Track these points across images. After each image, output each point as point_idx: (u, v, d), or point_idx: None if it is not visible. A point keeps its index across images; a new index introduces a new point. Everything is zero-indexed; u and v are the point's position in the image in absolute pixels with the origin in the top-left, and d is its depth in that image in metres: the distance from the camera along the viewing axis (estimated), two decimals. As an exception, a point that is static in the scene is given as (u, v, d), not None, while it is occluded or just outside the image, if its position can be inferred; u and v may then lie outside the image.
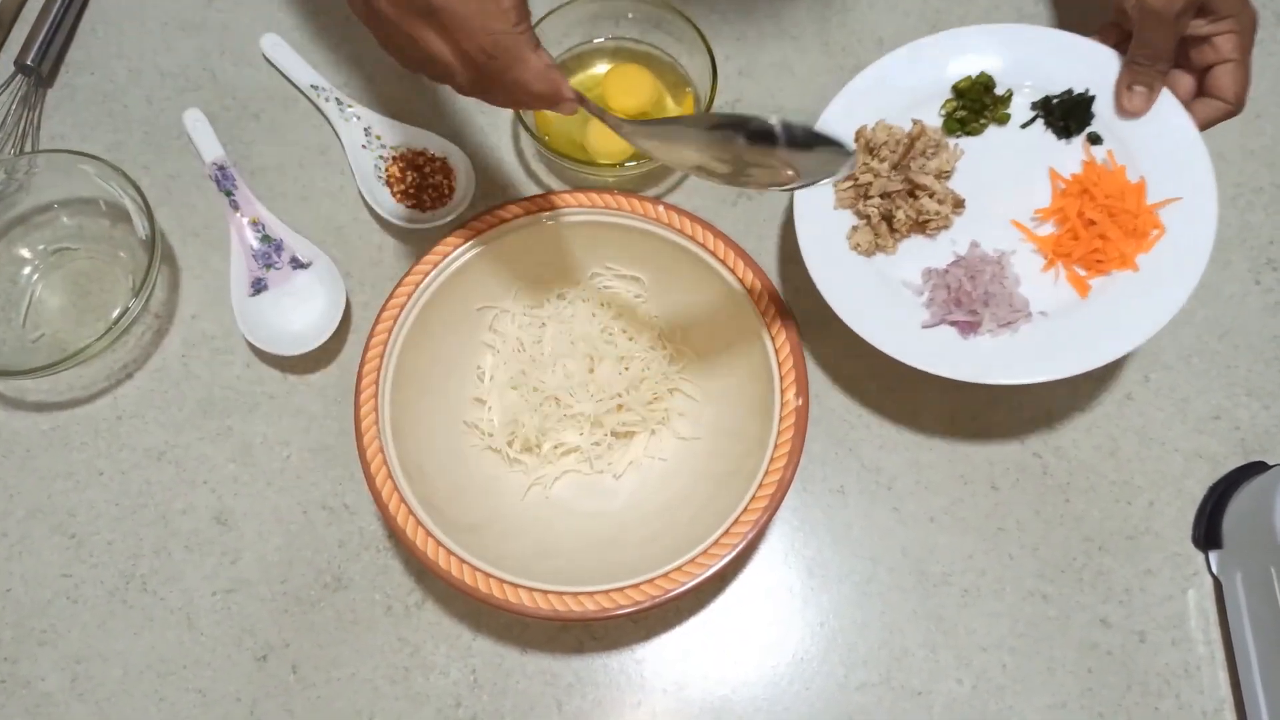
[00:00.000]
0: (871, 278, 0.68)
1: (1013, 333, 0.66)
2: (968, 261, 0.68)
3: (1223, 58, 0.66)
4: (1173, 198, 0.66)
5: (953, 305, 0.66)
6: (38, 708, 0.67)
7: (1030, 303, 0.66)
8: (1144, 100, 0.68)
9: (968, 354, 0.65)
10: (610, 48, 0.80)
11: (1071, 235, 0.67)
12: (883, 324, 0.66)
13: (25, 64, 0.82)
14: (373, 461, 0.62)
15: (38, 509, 0.72)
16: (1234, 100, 0.67)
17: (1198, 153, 0.67)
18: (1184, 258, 0.65)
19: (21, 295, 0.77)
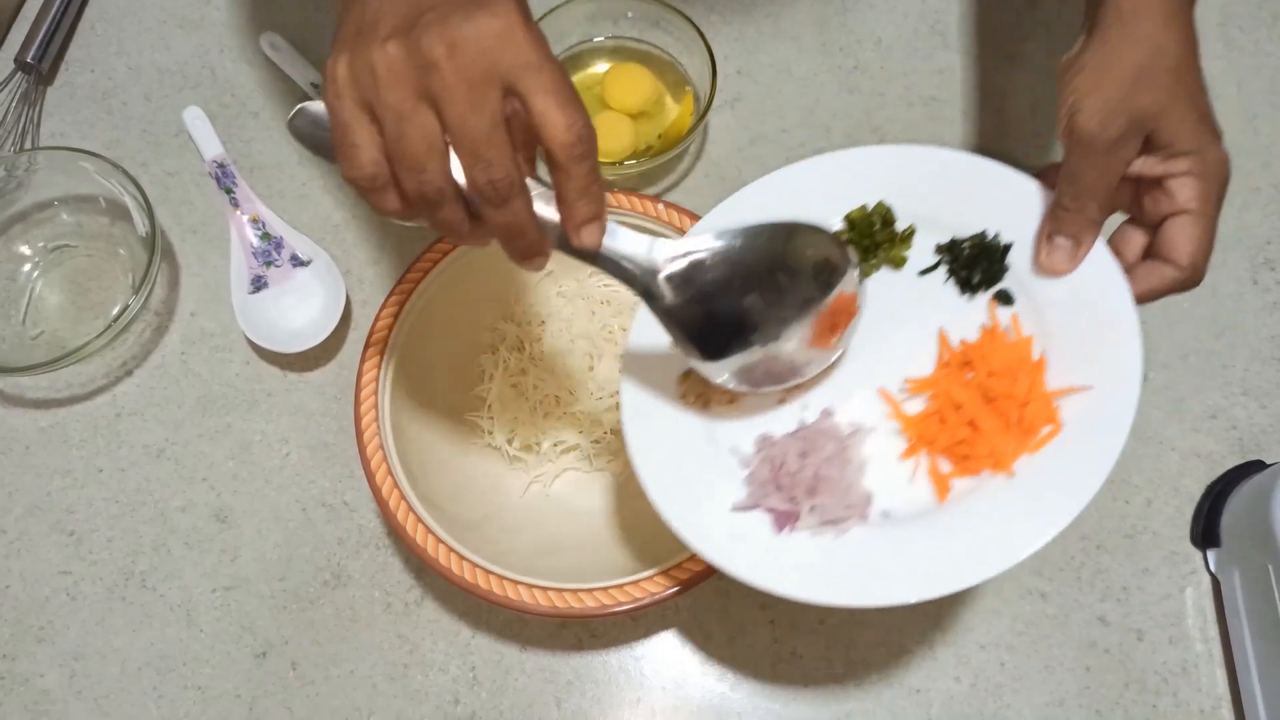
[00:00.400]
0: (698, 437, 0.55)
1: (837, 535, 0.51)
2: (806, 434, 0.54)
3: (1177, 207, 0.51)
4: (1079, 387, 0.51)
5: (772, 488, 0.53)
6: (36, 705, 0.67)
7: (874, 498, 0.52)
8: (1066, 256, 0.53)
9: (773, 555, 0.52)
10: (610, 46, 0.80)
11: (939, 418, 0.53)
12: (689, 496, 0.53)
13: (25, 61, 0.82)
14: (373, 458, 0.62)
15: (36, 506, 0.72)
16: (1187, 264, 0.51)
17: (1126, 332, 0.51)
18: (1076, 469, 0.49)
19: (21, 292, 0.77)
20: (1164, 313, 0.75)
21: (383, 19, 0.42)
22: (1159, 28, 0.51)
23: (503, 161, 0.42)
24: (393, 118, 0.41)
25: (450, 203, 0.43)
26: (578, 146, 0.42)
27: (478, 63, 0.41)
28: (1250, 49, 0.83)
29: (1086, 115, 0.50)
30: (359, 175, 0.43)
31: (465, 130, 0.41)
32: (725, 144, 0.81)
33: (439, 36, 0.41)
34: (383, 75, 0.41)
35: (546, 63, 0.42)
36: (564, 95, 0.42)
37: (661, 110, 0.79)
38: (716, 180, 0.80)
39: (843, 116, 0.81)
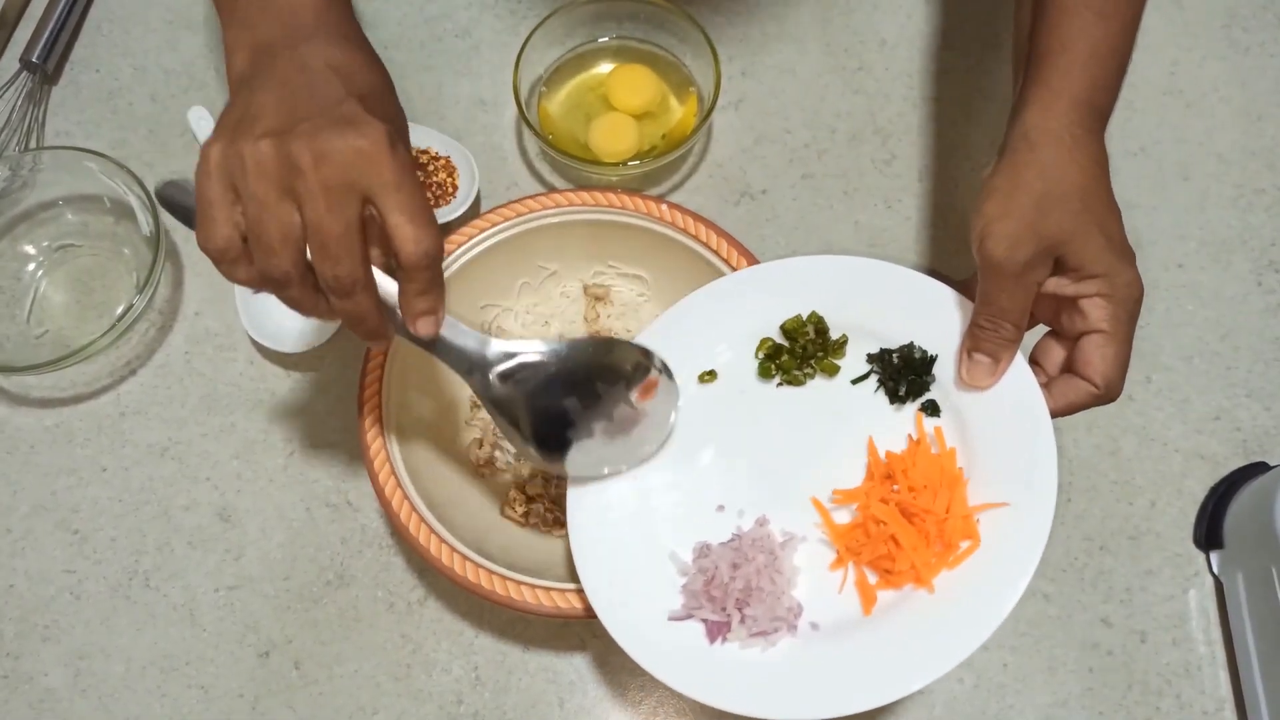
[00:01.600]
0: (640, 542, 0.57)
1: (766, 646, 0.53)
2: (740, 543, 0.55)
3: (1090, 327, 0.52)
4: (997, 503, 0.52)
5: (705, 598, 0.54)
6: (41, 703, 0.68)
7: (804, 610, 0.53)
8: (985, 372, 0.54)
9: (706, 665, 0.53)
10: (614, 47, 0.80)
11: (864, 531, 0.54)
12: (629, 603, 0.55)
13: (30, 61, 0.82)
14: (376, 458, 0.62)
15: (41, 505, 0.72)
16: (1101, 383, 0.53)
17: (1043, 448, 0.52)
18: (993, 585, 0.50)
19: (26, 292, 0.77)
20: (1168, 315, 0.75)
21: (263, 117, 0.46)
22: (1064, 155, 0.53)
23: (350, 260, 0.46)
24: (255, 206, 0.46)
25: (296, 285, 0.47)
26: (424, 259, 0.47)
27: (339, 175, 0.45)
28: (1255, 50, 0.83)
29: (994, 241, 0.51)
30: (212, 248, 0.47)
31: (319, 229, 0.45)
32: (729, 144, 0.81)
33: (308, 146, 0.45)
34: (251, 168, 0.45)
35: (405, 183, 0.46)
36: (416, 213, 0.46)
37: (666, 111, 0.79)
38: (720, 181, 0.80)
39: (846, 117, 0.81)
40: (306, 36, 0.50)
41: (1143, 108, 0.82)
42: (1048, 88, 0.54)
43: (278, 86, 0.48)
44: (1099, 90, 0.55)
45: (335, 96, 0.48)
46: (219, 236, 0.46)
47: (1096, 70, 0.55)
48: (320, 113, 0.46)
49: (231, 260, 0.47)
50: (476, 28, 0.85)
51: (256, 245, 0.46)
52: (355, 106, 0.47)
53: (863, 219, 0.78)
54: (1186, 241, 0.78)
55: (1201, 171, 0.80)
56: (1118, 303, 0.52)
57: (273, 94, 0.48)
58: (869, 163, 0.80)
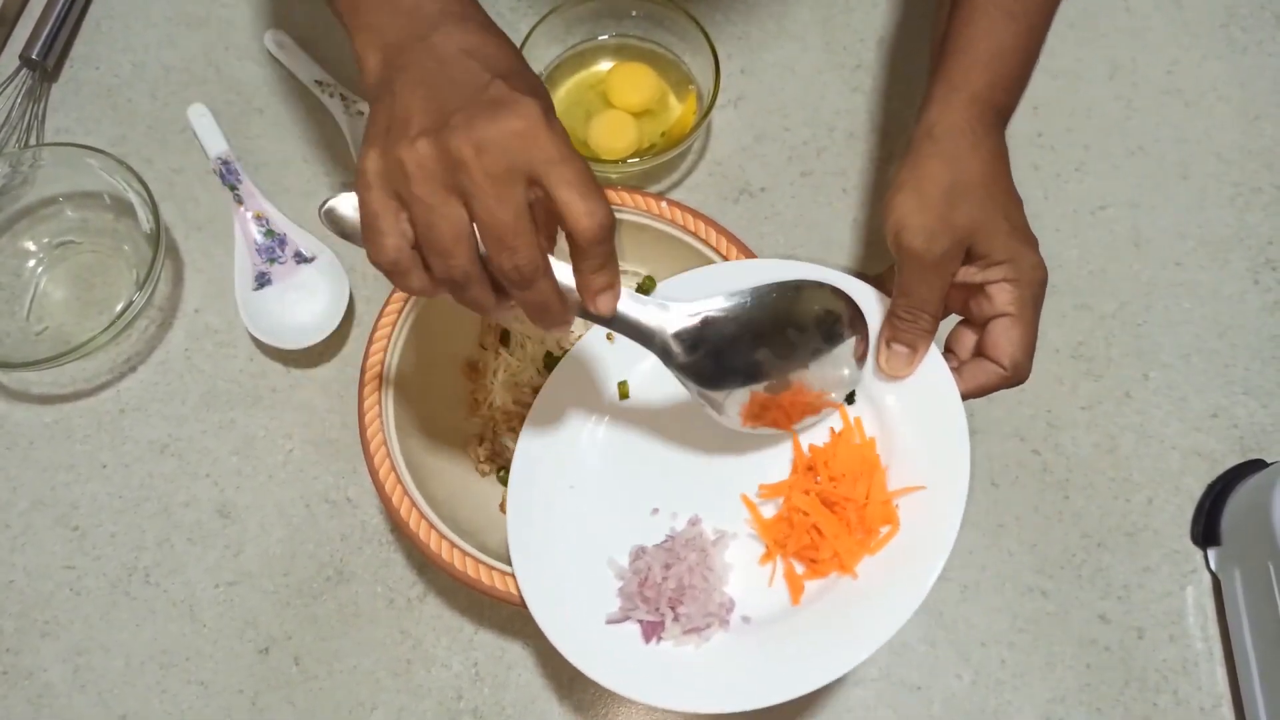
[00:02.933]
0: (577, 547, 0.58)
1: (700, 643, 0.54)
2: (673, 544, 0.56)
3: (997, 311, 0.54)
4: (914, 487, 0.54)
5: (639, 599, 0.55)
6: (40, 699, 0.68)
7: (736, 604, 0.55)
8: (904, 361, 0.56)
9: (642, 665, 0.54)
10: (613, 45, 0.80)
11: (788, 523, 0.56)
12: (566, 607, 0.56)
13: (30, 58, 0.82)
14: (376, 454, 0.62)
15: (40, 501, 0.72)
16: (1008, 364, 0.54)
17: (956, 431, 0.54)
18: (913, 566, 0.52)
19: (26, 288, 0.77)
20: (1166, 313, 0.75)
21: (413, 117, 0.45)
22: (966, 148, 0.55)
23: (527, 249, 0.44)
24: (423, 210, 0.44)
25: (476, 284, 0.46)
26: (600, 232, 0.45)
27: (502, 161, 0.43)
28: (1253, 49, 0.84)
29: (911, 234, 0.53)
30: (384, 260, 0.45)
31: (492, 222, 0.44)
32: (729, 142, 0.81)
33: (466, 138, 0.43)
34: (413, 171, 0.44)
35: (569, 158, 0.45)
36: (586, 187, 0.45)
37: (665, 109, 0.79)
38: (720, 179, 0.80)
39: (846, 115, 0.82)
40: (433, 26, 0.48)
41: (1141, 107, 0.82)
42: (950, 85, 0.56)
43: (418, 84, 0.46)
44: (999, 89, 0.57)
45: (479, 81, 0.46)
46: (389, 248, 0.45)
47: (999, 68, 0.57)
48: (469, 101, 0.45)
49: (404, 271, 0.46)
50: (476, 25, 0.85)
51: (430, 250, 0.45)
52: (502, 87, 0.45)
53: (861, 217, 0.78)
54: (1185, 240, 0.78)
55: (1200, 170, 0.80)
56: (1023, 286, 0.54)
57: (415, 93, 0.46)
58: (868, 161, 0.80)
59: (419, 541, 0.61)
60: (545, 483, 0.60)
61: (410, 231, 0.45)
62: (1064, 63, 0.83)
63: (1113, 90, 0.83)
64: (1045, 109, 0.82)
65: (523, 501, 0.59)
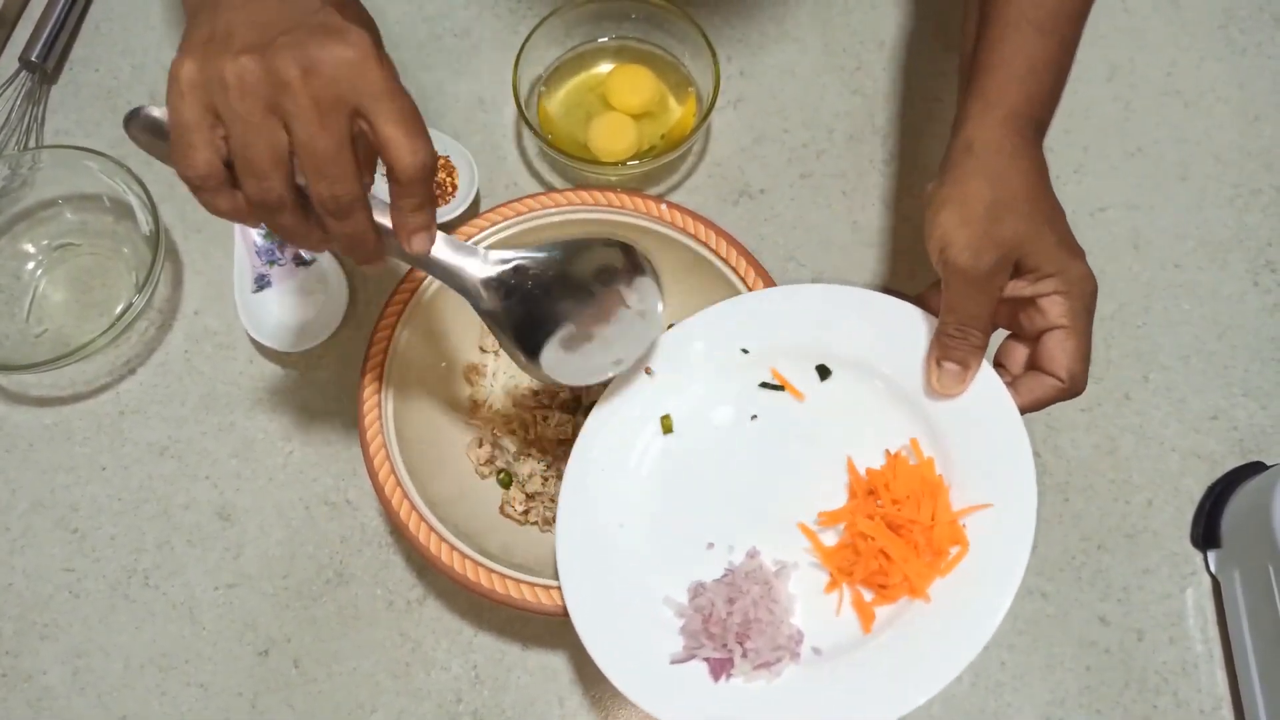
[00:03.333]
0: (632, 588, 0.56)
1: (771, 678, 0.52)
2: (734, 578, 0.55)
3: (1050, 324, 0.54)
4: (980, 505, 0.53)
5: (704, 637, 0.53)
6: (39, 701, 0.68)
7: (805, 636, 0.53)
8: (955, 379, 0.55)
9: (713, 703, 0.52)
10: (613, 47, 0.80)
11: (853, 550, 0.54)
12: (629, 651, 0.55)
13: (30, 60, 0.82)
14: (375, 457, 0.62)
15: (40, 503, 0.72)
16: (1065, 376, 0.53)
17: (1018, 446, 0.53)
18: (987, 586, 0.51)
19: (25, 290, 0.77)
20: (1165, 314, 0.75)
21: (236, 31, 0.44)
22: (1006, 163, 0.54)
23: (346, 178, 0.44)
24: (241, 128, 0.43)
25: (289, 210, 0.45)
26: (421, 170, 0.45)
27: (329, 88, 0.43)
28: (1252, 50, 0.84)
29: (957, 250, 0.52)
30: (193, 174, 0.44)
31: (313, 148, 0.43)
32: (728, 144, 0.81)
33: (294, 59, 0.42)
34: (234, 86, 0.43)
35: (396, 93, 0.44)
36: (411, 124, 0.44)
37: (665, 111, 0.79)
38: (720, 181, 0.80)
39: (845, 117, 0.82)
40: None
41: (1140, 108, 0.82)
42: (986, 101, 0.56)
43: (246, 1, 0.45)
44: (1036, 104, 0.57)
45: (310, 6, 0.45)
46: (200, 161, 0.44)
47: (1034, 85, 0.57)
48: (298, 24, 0.44)
49: (214, 188, 0.45)
50: (476, 27, 0.85)
51: (246, 169, 0.44)
52: (333, 14, 0.44)
53: (861, 219, 0.78)
54: (1184, 241, 0.78)
55: (1199, 172, 0.80)
56: (1075, 298, 0.53)
57: (242, 9, 0.45)
58: (868, 163, 0.80)
59: (418, 544, 0.61)
60: (594, 523, 0.59)
61: (224, 147, 0.44)
62: (1063, 64, 0.83)
63: (1111, 91, 0.83)
64: (1044, 111, 0.82)
65: (573, 544, 0.58)
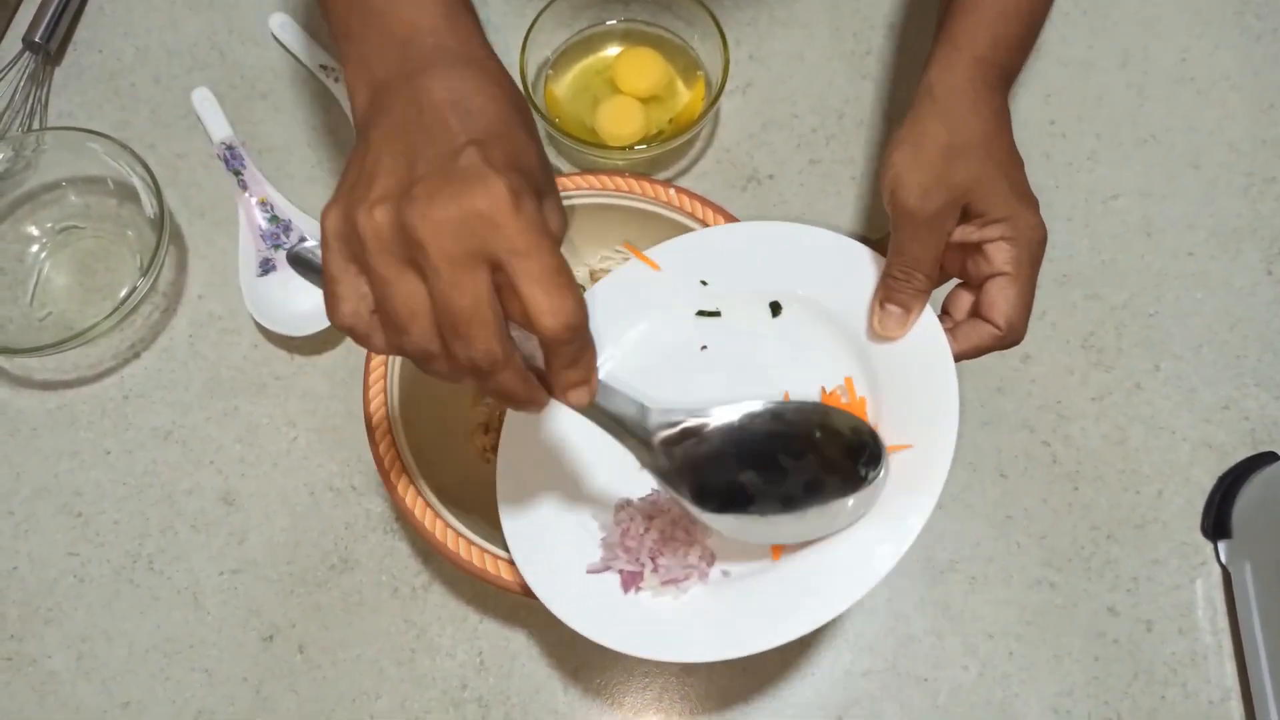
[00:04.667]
0: (565, 500, 0.57)
1: (678, 594, 0.53)
2: (657, 498, 0.56)
3: (994, 270, 0.53)
4: (901, 445, 0.53)
5: (620, 550, 0.55)
6: (44, 685, 0.67)
7: (716, 558, 0.55)
8: (897, 322, 0.54)
9: (618, 614, 0.54)
10: (621, 30, 0.80)
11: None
12: (550, 558, 0.56)
13: (33, 41, 0.81)
14: (381, 443, 0.62)
15: (44, 488, 0.72)
16: (1003, 324, 0.53)
17: (945, 391, 0.53)
18: (899, 518, 0.51)
19: (29, 273, 0.77)
20: (1177, 303, 0.75)
21: (379, 176, 0.42)
22: (966, 106, 0.54)
23: (485, 340, 0.41)
24: (378, 282, 0.42)
25: (441, 359, 0.43)
26: (565, 332, 0.41)
27: (461, 245, 0.40)
28: (1268, 37, 0.83)
29: (906, 191, 0.52)
30: (339, 324, 0.43)
31: (447, 308, 0.41)
32: (737, 129, 0.80)
33: (424, 214, 0.40)
34: (369, 242, 0.41)
35: (535, 248, 0.41)
36: (552, 282, 0.41)
37: (673, 95, 0.78)
38: (728, 166, 0.79)
39: (855, 102, 0.81)
40: (423, 66, 0.45)
41: (1153, 95, 0.81)
42: (952, 45, 0.56)
43: (393, 135, 0.43)
44: (1001, 48, 0.56)
45: (452, 145, 0.42)
46: (346, 314, 0.43)
47: (1001, 28, 0.56)
48: (435, 169, 0.41)
49: (363, 335, 0.43)
50: (483, 9, 0.84)
51: (386, 323, 0.42)
52: (473, 156, 0.41)
53: (870, 204, 0.78)
54: (1196, 230, 0.77)
55: (1212, 160, 0.79)
56: (1021, 245, 0.53)
57: (387, 146, 0.43)
58: (877, 149, 0.79)
59: (423, 530, 0.60)
60: (534, 439, 0.59)
61: (370, 295, 0.43)
62: (1076, 51, 0.83)
63: (1124, 79, 0.82)
64: (1057, 97, 0.81)
65: (512, 454, 0.59)
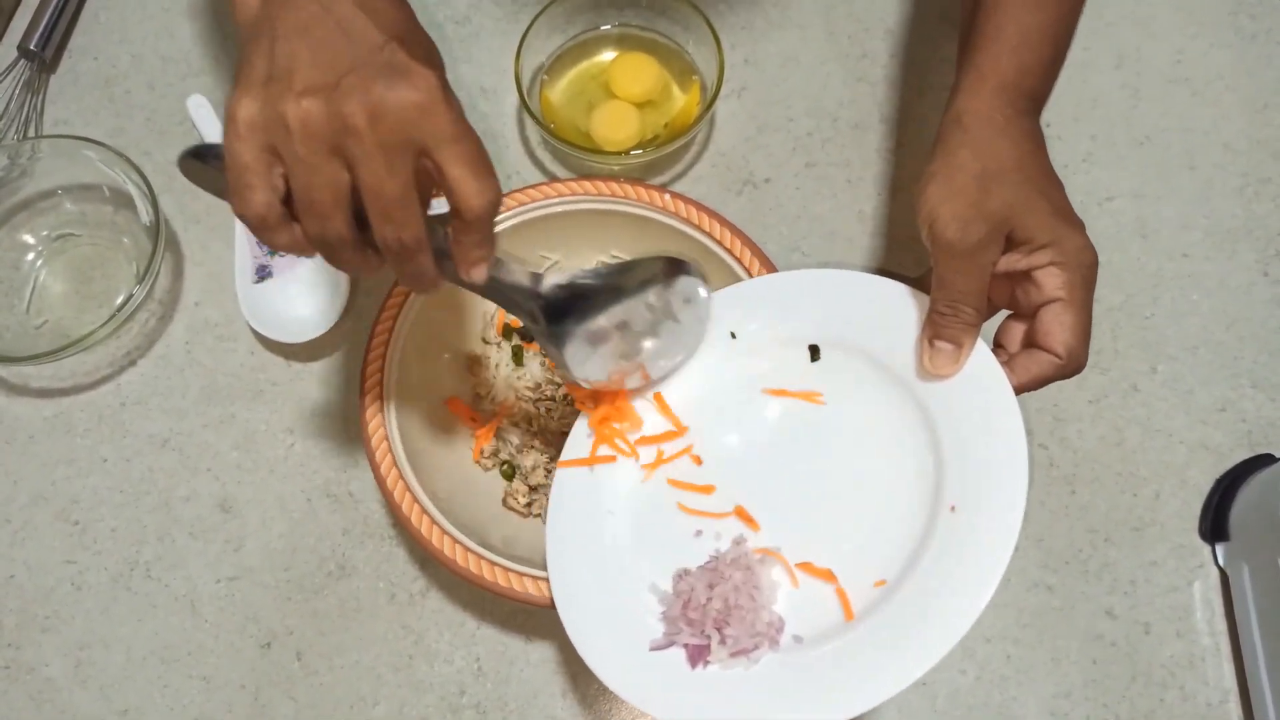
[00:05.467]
0: (618, 574, 0.56)
1: (748, 665, 0.51)
2: (717, 564, 0.54)
3: (1046, 297, 0.51)
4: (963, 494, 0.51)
5: (683, 623, 0.53)
6: (41, 693, 0.67)
7: (785, 624, 0.52)
8: (948, 359, 0.52)
9: (690, 691, 0.52)
10: (616, 35, 0.80)
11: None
12: (610, 636, 0.54)
13: (28, 49, 0.81)
14: (377, 449, 0.62)
15: (41, 495, 0.72)
16: (1063, 352, 0.51)
17: (1010, 428, 0.51)
18: (975, 565, 0.49)
19: (25, 281, 0.77)
20: (1173, 305, 0.75)
21: (298, 69, 0.43)
22: (996, 134, 0.53)
23: (411, 222, 0.44)
24: (303, 169, 0.42)
25: (350, 247, 0.45)
26: (488, 209, 0.44)
27: (397, 132, 0.42)
28: (1262, 38, 0.83)
29: (944, 224, 0.51)
30: (251, 215, 0.43)
31: (380, 193, 0.43)
32: (732, 133, 0.80)
33: (360, 103, 0.41)
34: (297, 129, 0.42)
35: (463, 135, 0.43)
36: (478, 165, 0.44)
37: (668, 99, 0.78)
38: (723, 170, 0.79)
39: (850, 106, 0.81)
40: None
41: (1148, 96, 0.81)
42: (978, 73, 0.55)
43: (303, 33, 0.43)
44: (1029, 75, 0.56)
45: (372, 40, 0.43)
46: (258, 203, 0.43)
47: (1026, 55, 0.56)
48: (363, 63, 0.42)
49: (273, 226, 0.44)
50: (476, 14, 0.85)
51: (307, 210, 0.43)
52: (399, 52, 0.43)
53: (866, 208, 0.78)
54: (1192, 231, 0.77)
55: (1207, 161, 0.79)
56: (1071, 269, 0.51)
57: (300, 43, 0.43)
58: (873, 152, 0.79)
59: (421, 537, 0.60)
60: (584, 509, 0.59)
61: (282, 186, 0.43)
62: (1070, 52, 0.82)
63: (1119, 79, 0.82)
64: (1052, 99, 0.80)
65: (561, 531, 0.58)
